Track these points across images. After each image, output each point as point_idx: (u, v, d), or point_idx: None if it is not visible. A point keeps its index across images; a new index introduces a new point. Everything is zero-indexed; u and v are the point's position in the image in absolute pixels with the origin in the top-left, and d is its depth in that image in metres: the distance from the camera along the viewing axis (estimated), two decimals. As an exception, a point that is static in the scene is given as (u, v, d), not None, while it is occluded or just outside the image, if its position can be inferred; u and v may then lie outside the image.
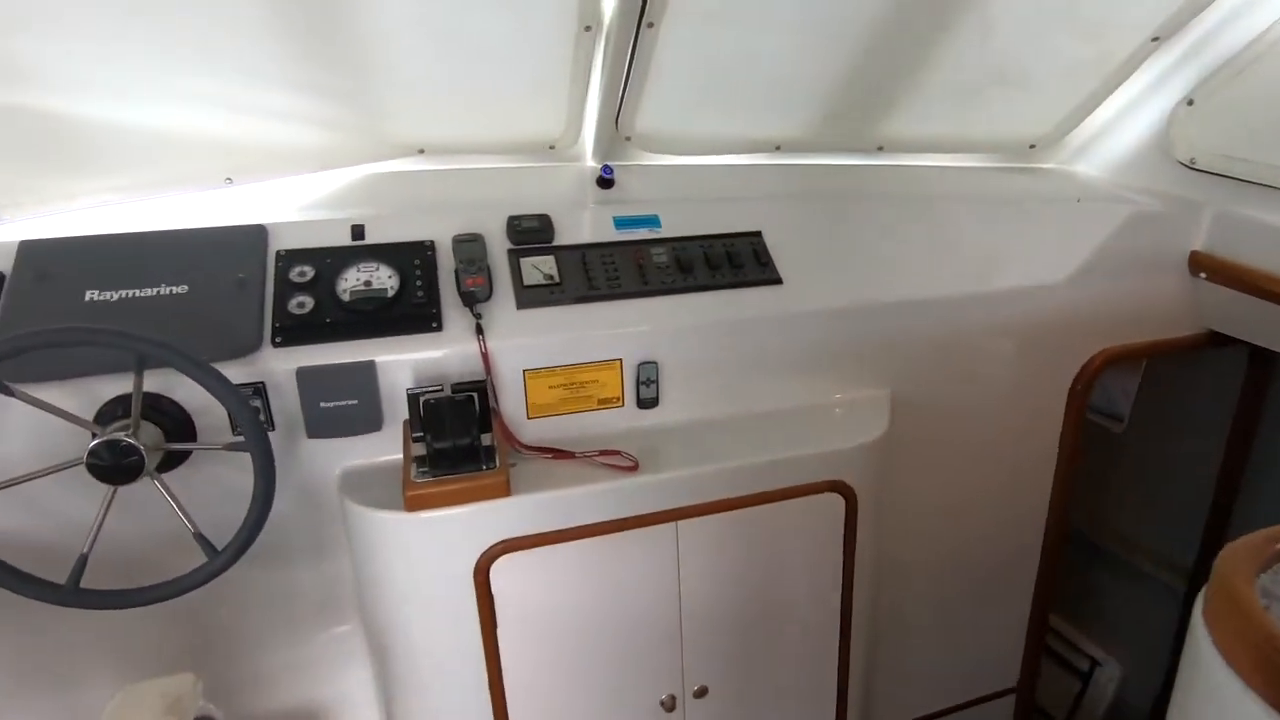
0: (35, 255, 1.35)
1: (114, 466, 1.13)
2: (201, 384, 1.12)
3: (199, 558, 1.21)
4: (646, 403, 1.50)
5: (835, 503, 1.46)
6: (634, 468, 1.35)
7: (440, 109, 1.69)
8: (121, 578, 1.20)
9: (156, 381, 1.25)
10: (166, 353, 1.08)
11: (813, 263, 1.64)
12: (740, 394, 1.54)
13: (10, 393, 1.08)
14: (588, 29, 1.53)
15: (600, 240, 1.59)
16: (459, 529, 1.26)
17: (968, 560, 1.92)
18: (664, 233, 1.63)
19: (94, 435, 1.15)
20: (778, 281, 1.57)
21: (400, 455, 1.38)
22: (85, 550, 1.15)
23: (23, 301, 1.29)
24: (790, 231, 1.69)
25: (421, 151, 1.78)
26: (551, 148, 1.82)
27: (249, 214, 1.59)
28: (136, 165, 1.59)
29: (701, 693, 1.50)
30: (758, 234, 1.65)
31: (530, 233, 1.55)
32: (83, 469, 1.15)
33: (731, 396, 1.54)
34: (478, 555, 1.27)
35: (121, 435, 1.14)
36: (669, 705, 1.48)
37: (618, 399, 1.49)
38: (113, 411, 1.22)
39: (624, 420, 1.51)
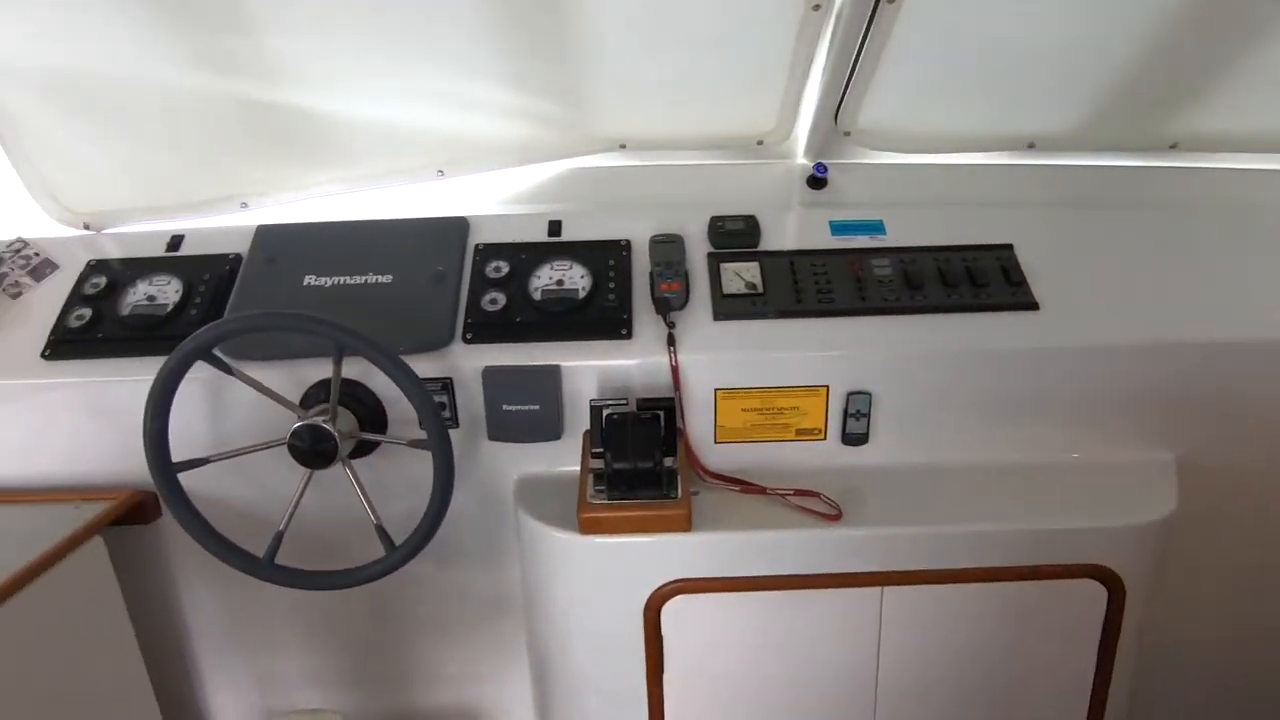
0: (267, 240, 1.43)
1: (311, 450, 1.15)
2: (394, 381, 1.09)
3: (379, 547, 1.20)
4: (854, 438, 1.29)
5: (1094, 592, 1.15)
6: (837, 516, 1.15)
7: (645, 102, 1.59)
8: (308, 557, 1.22)
9: (355, 369, 1.27)
10: (363, 345, 1.07)
11: (1079, 286, 1.32)
12: (974, 441, 1.28)
13: (230, 371, 1.12)
14: (816, 8, 1.34)
15: (812, 247, 1.40)
16: (633, 560, 1.14)
17: (1266, 660, 1.49)
18: (889, 241, 1.40)
19: (297, 418, 1.18)
20: (1033, 306, 1.28)
21: (577, 467, 1.29)
22: (281, 528, 1.18)
23: (253, 282, 1.36)
24: (1049, 246, 1.38)
25: (623, 146, 1.69)
26: (760, 143, 1.65)
27: (456, 206, 1.60)
28: (360, 157, 1.65)
29: (891, 784, 1.26)
30: (1008, 247, 1.36)
31: (734, 235, 1.40)
32: (285, 449, 1.18)
33: (962, 442, 1.28)
34: (650, 591, 1.14)
35: (320, 420, 1.15)
36: (851, 792, 1.26)
37: (819, 431, 1.29)
38: (316, 395, 1.24)
39: (824, 456, 1.30)
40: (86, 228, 1.57)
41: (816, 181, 1.57)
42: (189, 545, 1.39)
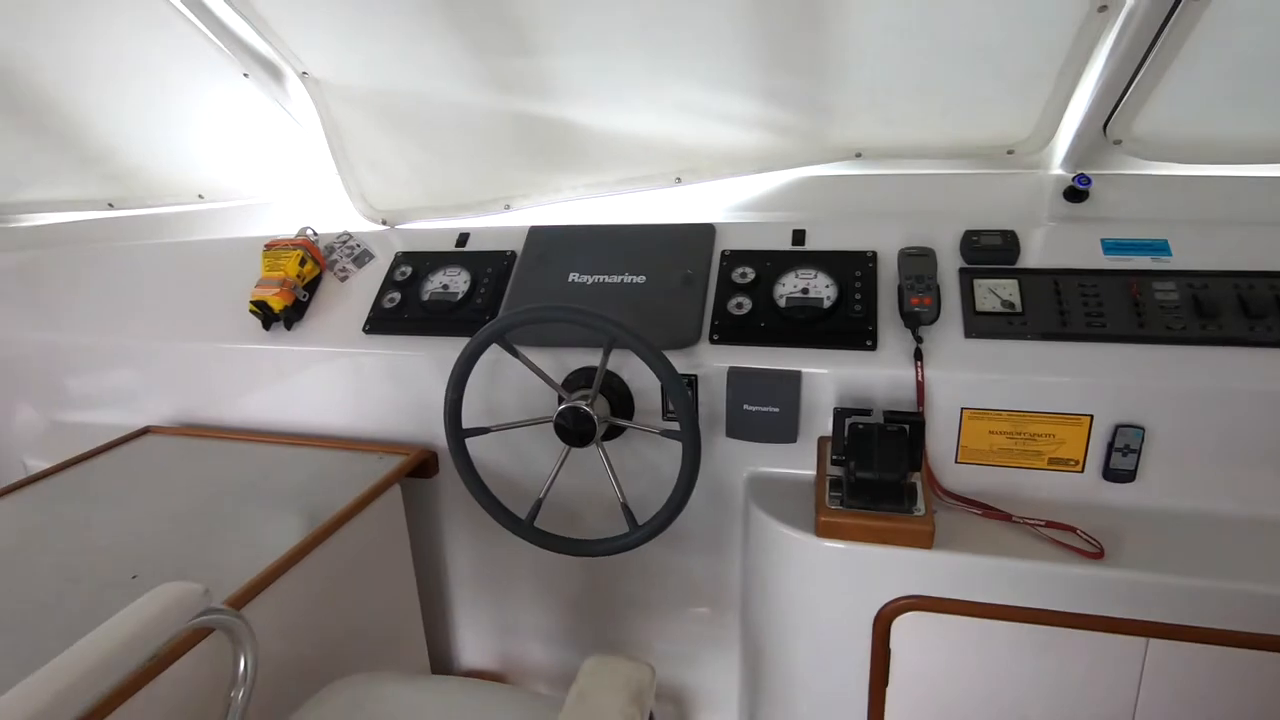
0: (538, 240, 1.61)
1: (573, 430, 1.29)
2: (657, 374, 1.19)
3: (621, 523, 1.32)
4: (1118, 475, 1.19)
5: None
6: (1099, 554, 1.08)
7: (888, 109, 1.56)
8: (551, 525, 1.36)
9: (610, 361, 1.40)
10: (634, 340, 1.18)
11: None
12: (1262, 493, 1.13)
13: (515, 353, 1.29)
14: (1103, 9, 1.25)
15: (1080, 266, 1.31)
16: (868, 570, 1.15)
17: None
18: (1174, 264, 1.28)
19: (560, 399, 1.32)
20: None
21: (809, 472, 1.32)
22: (541, 496, 1.33)
23: (526, 277, 1.55)
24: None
25: (859, 155, 1.69)
26: (1010, 152, 1.57)
27: (692, 211, 1.69)
28: (607, 165, 1.80)
29: None
30: None
31: (990, 251, 1.34)
32: (550, 426, 1.34)
33: (1247, 493, 1.14)
34: (882, 604, 1.15)
35: (581, 403, 1.29)
36: None
37: (1077, 462, 1.21)
38: (575, 381, 1.39)
39: (1079, 490, 1.22)
40: (384, 223, 1.86)
41: (1076, 194, 1.47)
42: (458, 502, 1.61)
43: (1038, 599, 1.09)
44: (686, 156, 1.77)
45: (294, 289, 1.60)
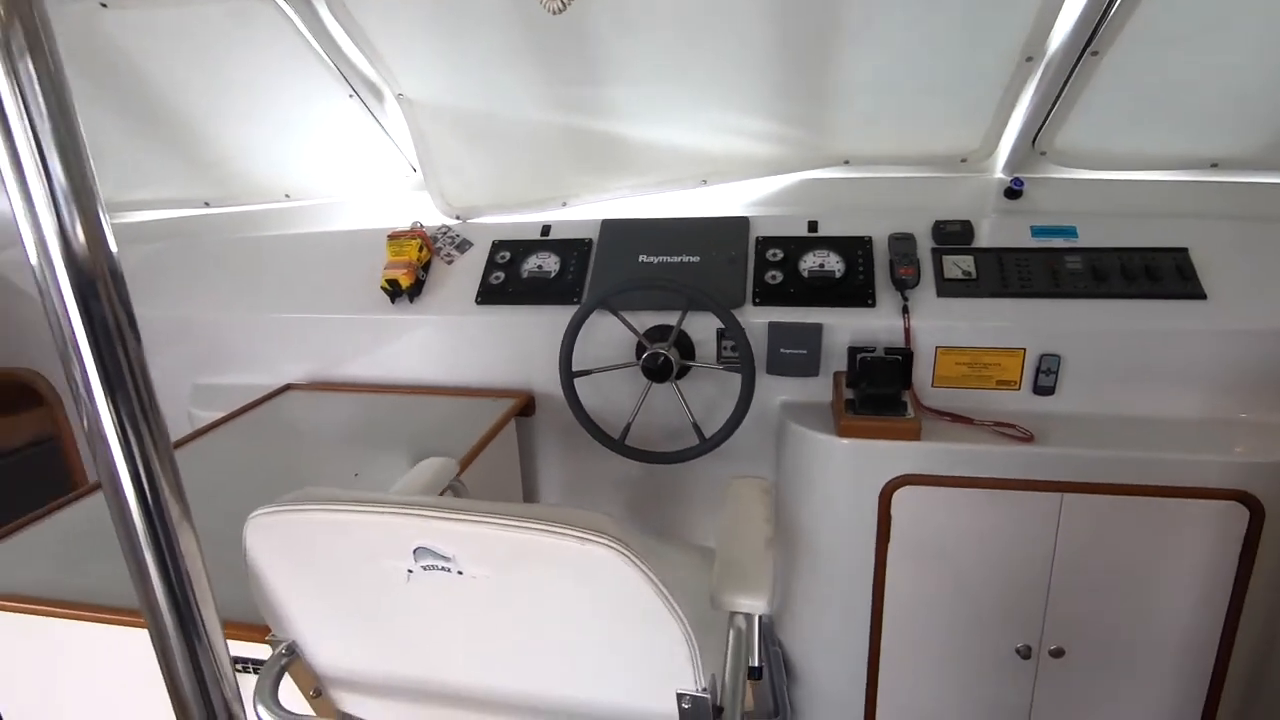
0: (610, 229, 2.06)
1: (656, 370, 1.75)
2: (726, 325, 1.65)
3: (688, 440, 1.78)
4: (1043, 390, 1.71)
5: (1237, 513, 1.52)
6: (1030, 439, 1.60)
7: (869, 127, 2.06)
8: (634, 443, 1.82)
9: (675, 318, 1.86)
10: (710, 301, 1.65)
11: (1245, 283, 1.67)
12: (1143, 398, 1.67)
13: (615, 313, 1.74)
14: (1029, 59, 1.76)
15: (1016, 245, 1.83)
16: (874, 458, 1.64)
17: None
18: (1080, 243, 1.80)
19: (643, 348, 1.78)
20: (1201, 297, 1.65)
21: (826, 399, 1.81)
22: (630, 420, 1.79)
23: (605, 257, 2.00)
24: (1221, 251, 1.73)
25: (847, 162, 2.18)
26: (964, 160, 2.08)
27: (715, 207, 2.15)
28: (646, 169, 2.25)
29: (1058, 653, 1.68)
30: (1183, 250, 1.73)
31: (953, 235, 1.85)
32: (637, 370, 1.79)
33: (1132, 398, 1.68)
34: (885, 481, 1.64)
35: (663, 350, 1.75)
36: (1024, 654, 1.69)
37: (1015, 383, 1.73)
38: (652, 335, 1.85)
39: (1017, 402, 1.74)
40: (458, 218, 2.28)
41: (1013, 193, 1.98)
42: (550, 434, 2.05)
43: (989, 470, 1.60)
44: (711, 162, 2.23)
45: (416, 270, 2.02)
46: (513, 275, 2.01)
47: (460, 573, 0.69)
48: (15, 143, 0.42)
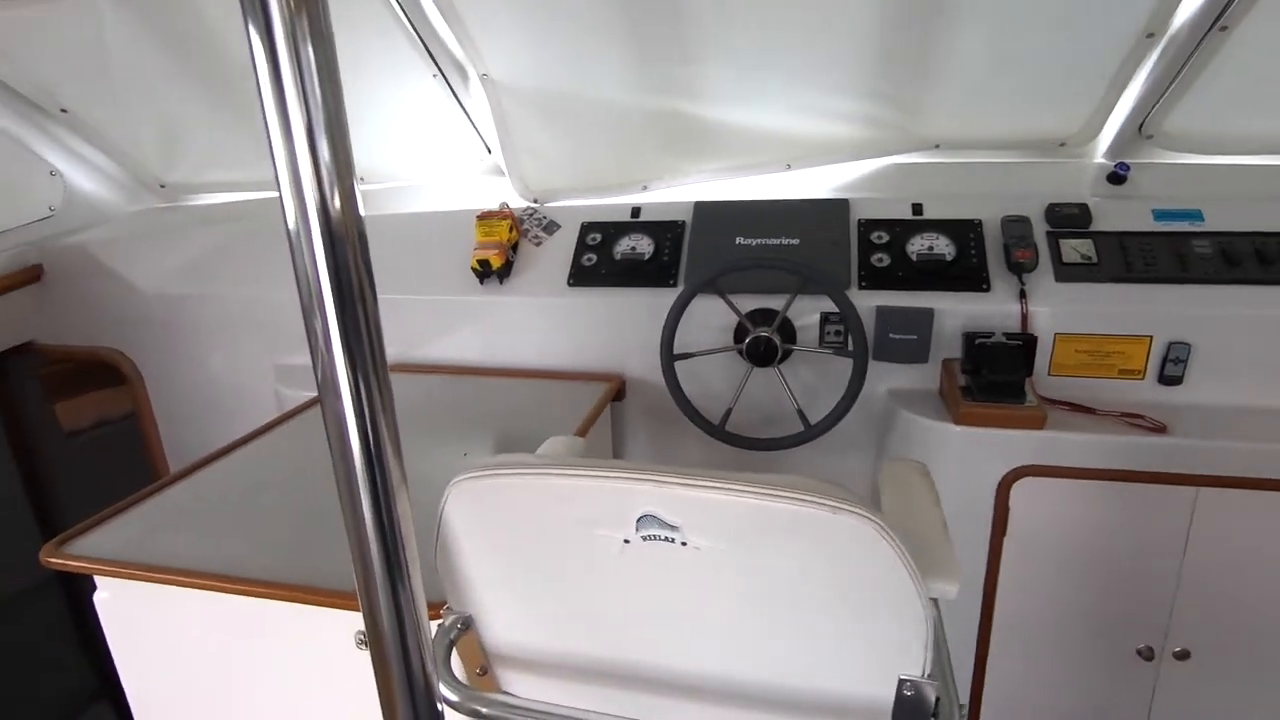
0: (703, 210, 2.01)
1: (761, 354, 1.70)
2: (840, 307, 1.60)
3: (789, 427, 1.72)
4: (1170, 379, 1.64)
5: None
6: (1163, 430, 1.52)
7: (965, 109, 1.99)
8: (738, 429, 1.77)
9: (776, 301, 1.80)
10: (824, 282, 1.59)
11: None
12: (1275, 388, 1.59)
13: (722, 294, 1.70)
14: (1150, 36, 1.69)
15: (1137, 229, 1.75)
16: (993, 447, 1.58)
17: None
18: (1207, 226, 1.72)
19: (744, 331, 1.73)
20: None
21: (931, 386, 1.75)
22: (731, 405, 1.74)
23: (700, 240, 1.95)
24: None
25: (937, 146, 2.11)
26: (1062, 145, 2.00)
27: (796, 193, 2.09)
28: (730, 152, 2.20)
29: (1183, 655, 1.61)
30: None
31: (1069, 218, 1.78)
32: (733, 354, 1.74)
33: (1268, 389, 1.60)
34: (1005, 471, 1.58)
35: (767, 333, 1.70)
36: (1146, 655, 1.62)
37: (1139, 371, 1.66)
38: (753, 319, 1.79)
39: (1140, 392, 1.67)
40: (535, 201, 2.24)
41: (1117, 179, 1.90)
42: (640, 419, 2.01)
43: (1116, 463, 1.53)
44: (796, 146, 2.18)
45: (506, 251, 1.99)
46: (605, 257, 1.97)
47: (684, 544, 0.65)
48: (290, 121, 0.46)
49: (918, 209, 1.90)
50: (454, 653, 0.83)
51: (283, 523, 1.28)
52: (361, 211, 0.52)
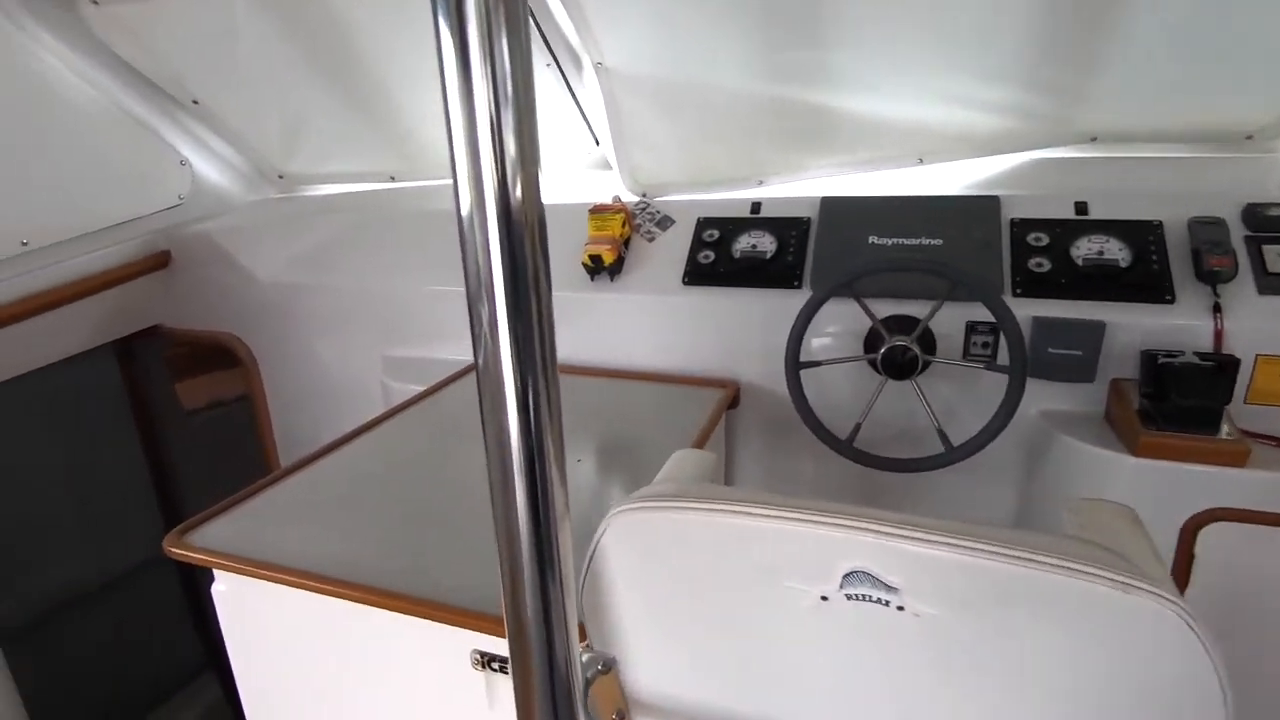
0: (831, 206, 1.86)
1: (899, 365, 1.53)
2: (998, 316, 1.41)
3: (924, 446, 1.55)
4: (1407, 415, 1.37)
5: None
6: (1405, 476, 1.27)
7: (1132, 97, 1.74)
8: (866, 446, 1.61)
9: (913, 307, 1.63)
10: (983, 289, 1.42)
11: None
12: None
13: (858, 299, 1.54)
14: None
15: (1365, 235, 1.48)
16: (1179, 484, 1.36)
17: None
18: None
19: (879, 339, 1.57)
20: None
21: (1095, 409, 1.54)
22: (860, 420, 1.58)
23: (828, 238, 1.79)
24: None
25: (1094, 139, 1.87)
26: (1249, 138, 1.73)
27: (927, 190, 1.89)
28: (856, 145, 2.03)
29: None
30: None
31: (1272, 220, 1.53)
32: (862, 364, 1.58)
33: None
34: (1192, 513, 1.36)
35: (905, 342, 1.53)
36: (1361, 741, 1.37)
37: (1364, 404, 1.40)
38: (888, 325, 1.63)
39: (1365, 429, 1.41)
40: (644, 195, 2.13)
41: None
42: (752, 429, 1.88)
43: (1344, 513, 1.28)
44: (930, 138, 1.98)
45: (619, 246, 1.89)
46: (723, 255, 1.85)
47: (901, 608, 0.52)
48: (475, 110, 0.45)
49: (1081, 208, 1.68)
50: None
51: (394, 523, 1.23)
52: (542, 201, 0.50)
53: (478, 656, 0.98)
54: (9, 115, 1.93)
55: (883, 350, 1.55)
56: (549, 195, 2.33)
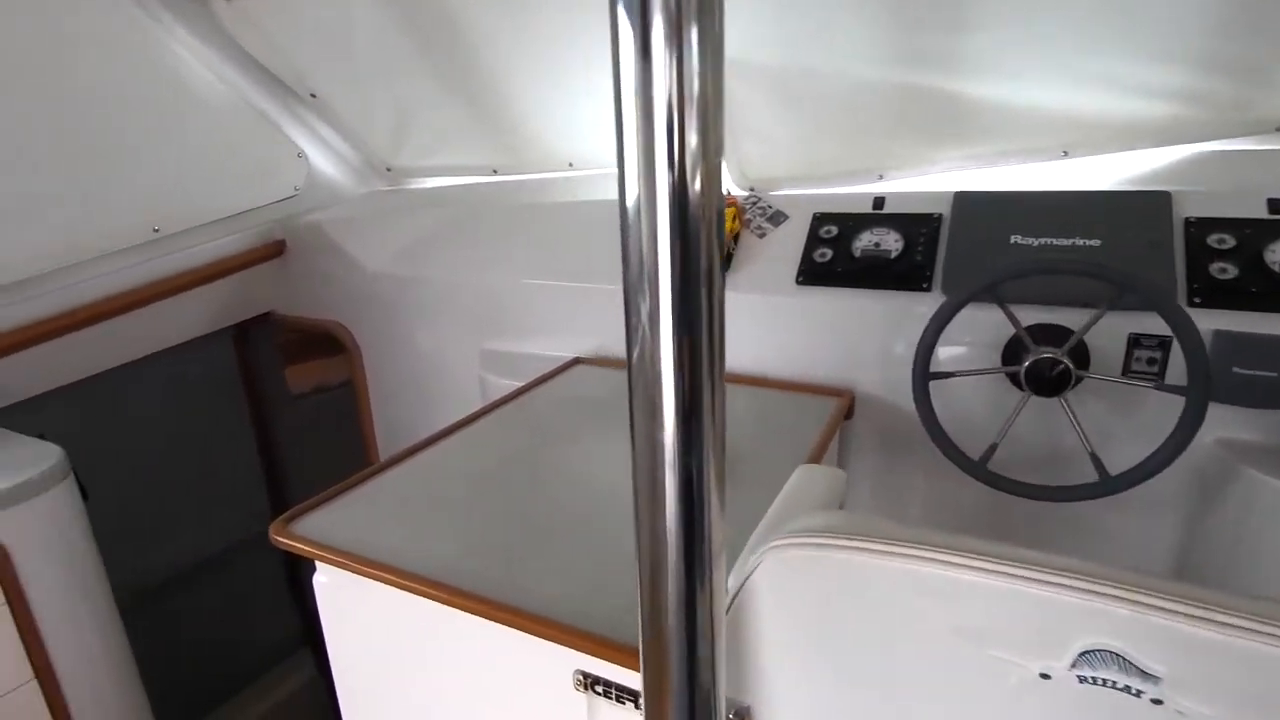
0: (965, 202, 1.69)
1: (1046, 379, 1.36)
2: (1176, 328, 1.22)
3: (1073, 473, 1.37)
4: None
5: None
6: None
7: None
8: (1002, 469, 1.44)
9: (1063, 316, 1.45)
10: (1159, 298, 1.23)
11: None
12: None
13: (1002, 305, 1.38)
14: None
15: None
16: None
17: None
18: None
19: (1023, 350, 1.40)
20: None
21: (1289, 440, 1.31)
22: (996, 440, 1.41)
23: (963, 236, 1.63)
24: None
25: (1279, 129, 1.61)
26: None
27: (1084, 185, 1.68)
28: (990, 137, 1.83)
29: None
30: None
31: None
32: (999, 377, 1.41)
33: None
34: None
35: (1055, 354, 1.36)
36: None
37: None
38: (1034, 335, 1.45)
39: None
40: (752, 190, 2.01)
41: None
42: (866, 443, 1.73)
43: None
44: (1079, 129, 1.77)
45: (728, 242, 1.79)
46: (842, 253, 1.71)
47: (1157, 701, 0.40)
48: (653, 98, 0.44)
49: (1276, 206, 1.45)
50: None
51: (491, 527, 1.18)
52: (721, 193, 0.48)
53: (580, 677, 0.90)
54: (146, 106, 2.02)
55: (1028, 362, 1.37)
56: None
